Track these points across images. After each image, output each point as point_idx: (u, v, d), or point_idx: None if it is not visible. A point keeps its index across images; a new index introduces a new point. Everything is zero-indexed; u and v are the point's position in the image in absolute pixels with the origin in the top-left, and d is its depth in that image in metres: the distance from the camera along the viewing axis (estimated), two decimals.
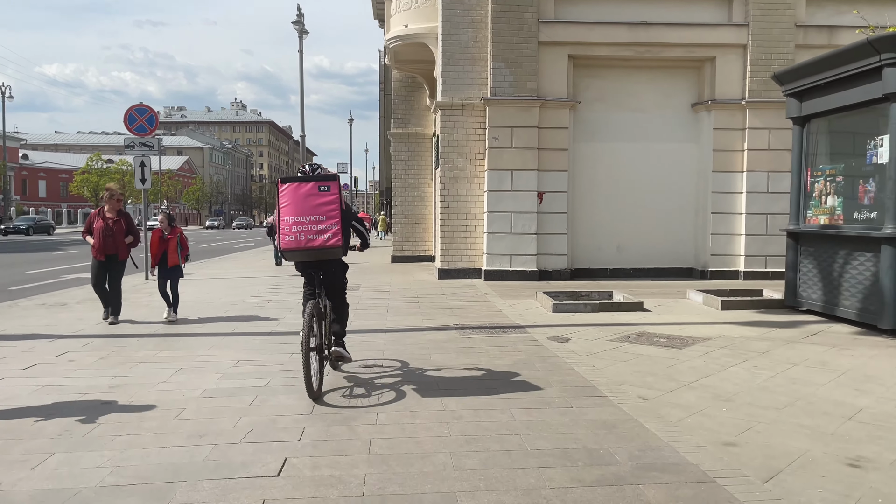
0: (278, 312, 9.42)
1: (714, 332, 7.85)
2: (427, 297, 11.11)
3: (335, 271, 5.69)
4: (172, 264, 8.80)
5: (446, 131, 13.53)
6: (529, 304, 10.22)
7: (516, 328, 8.12)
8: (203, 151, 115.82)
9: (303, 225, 5.03)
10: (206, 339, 7.55)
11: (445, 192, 13.67)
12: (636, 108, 13.99)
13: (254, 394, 5.20)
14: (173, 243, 8.79)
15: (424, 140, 18.15)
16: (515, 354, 6.59)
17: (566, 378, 5.64)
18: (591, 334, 7.70)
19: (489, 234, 13.33)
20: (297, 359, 6.41)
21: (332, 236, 5.02)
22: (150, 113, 14.34)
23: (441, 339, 7.47)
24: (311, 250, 5.07)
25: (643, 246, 14.06)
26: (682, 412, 4.69)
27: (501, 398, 5.02)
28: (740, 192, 13.59)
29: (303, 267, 5.66)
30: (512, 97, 13.15)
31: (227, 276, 14.88)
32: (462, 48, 13.41)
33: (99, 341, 7.41)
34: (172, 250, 8.78)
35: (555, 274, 13.36)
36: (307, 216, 5.04)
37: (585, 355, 6.58)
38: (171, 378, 5.74)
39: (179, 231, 8.95)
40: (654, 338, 7.48)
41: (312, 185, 5.10)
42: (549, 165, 13.33)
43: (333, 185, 5.16)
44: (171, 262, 8.78)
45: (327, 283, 5.65)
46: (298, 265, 5.65)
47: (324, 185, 5.11)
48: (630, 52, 13.53)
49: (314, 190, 5.08)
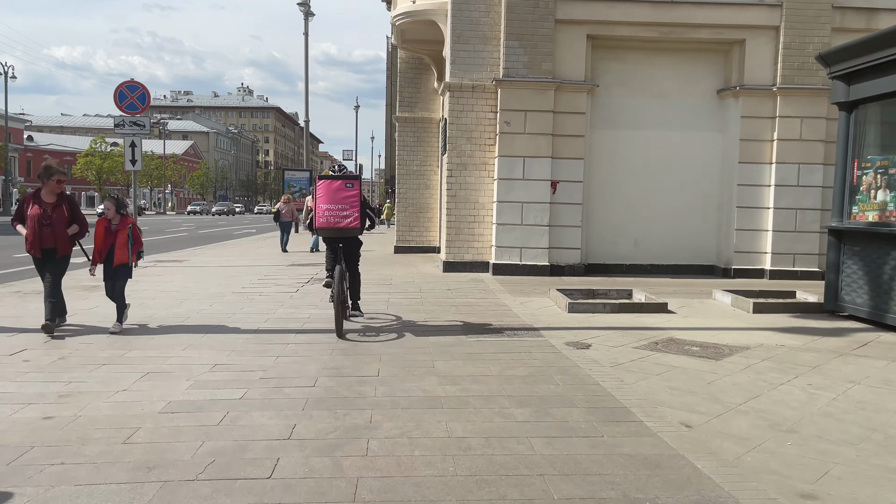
0: (268, 306, 8.63)
1: (751, 339, 7.02)
2: (431, 291, 10.30)
3: (353, 245, 7.61)
4: (119, 262, 6.93)
5: (455, 114, 12.66)
6: (542, 302, 9.40)
7: (529, 330, 7.31)
8: (209, 136, 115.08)
9: (333, 211, 7.03)
10: (184, 336, 6.76)
11: (452, 179, 12.83)
12: (658, 93, 13.09)
13: (224, 409, 4.40)
14: (122, 237, 6.93)
15: (431, 125, 17.28)
16: (531, 364, 5.78)
17: (592, 396, 4.83)
18: (614, 340, 6.89)
19: (498, 226, 12.50)
20: (282, 363, 5.64)
21: (353, 220, 7.06)
22: (142, 90, 13.47)
23: (446, 341, 6.67)
24: (338, 229, 7.09)
25: (662, 241, 13.20)
26: (737, 446, 3.88)
27: (518, 423, 4.21)
28: (768, 186, 12.71)
29: (330, 240, 7.47)
30: (526, 79, 12.27)
31: (219, 265, 14.09)
32: (473, 25, 12.52)
33: (67, 337, 6.63)
34: (121, 245, 6.91)
35: (567, 269, 12.53)
36: (336, 205, 7.03)
37: (610, 366, 5.76)
38: (134, 385, 4.95)
39: (131, 221, 7.10)
40: (685, 345, 6.66)
41: (341, 182, 7.10)
42: (563, 153, 12.47)
43: (356, 183, 7.19)
44: (117, 259, 6.91)
45: (346, 252, 7.48)
46: (327, 239, 7.46)
47: (349, 182, 7.13)
48: (653, 33, 12.62)
49: (342, 186, 7.07)
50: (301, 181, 32.95)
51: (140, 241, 7.18)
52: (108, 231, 6.93)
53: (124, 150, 13.44)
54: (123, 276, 7.08)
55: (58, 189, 6.97)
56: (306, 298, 9.39)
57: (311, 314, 8.12)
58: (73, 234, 6.99)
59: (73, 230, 6.97)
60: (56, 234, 6.83)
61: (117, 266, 6.98)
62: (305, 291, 10.07)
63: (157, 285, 10.50)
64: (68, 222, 6.93)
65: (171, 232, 30.70)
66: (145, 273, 12.12)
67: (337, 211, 7.02)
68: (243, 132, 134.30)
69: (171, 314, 8.00)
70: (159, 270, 12.68)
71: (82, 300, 8.90)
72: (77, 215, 7.03)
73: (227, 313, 8.12)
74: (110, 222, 6.98)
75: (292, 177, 33.75)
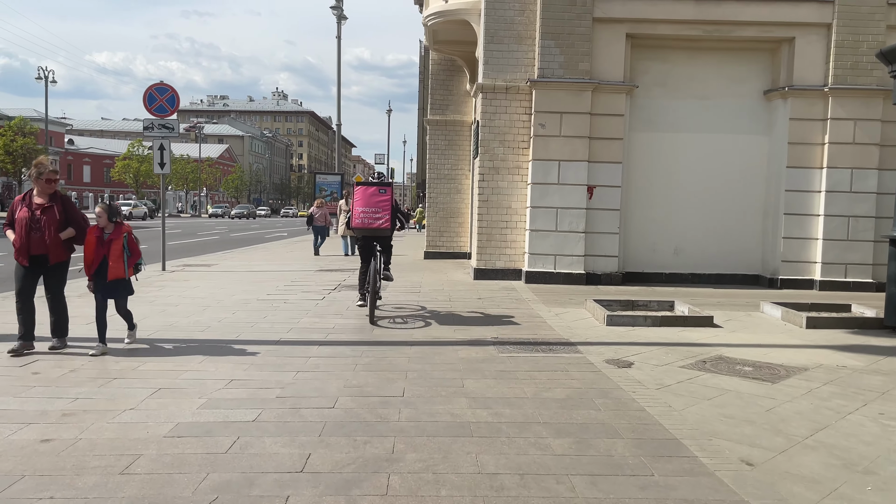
0: (293, 315, 8.31)
1: (808, 359, 6.47)
2: (461, 300, 9.89)
3: (385, 245, 8.58)
4: (114, 277, 6.07)
5: (487, 116, 12.25)
6: (578, 313, 8.93)
7: (566, 345, 6.85)
8: (244, 140, 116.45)
9: (367, 213, 7.97)
10: (204, 347, 6.47)
11: (484, 183, 12.41)
12: (701, 94, 12.51)
13: (235, 434, 4.05)
14: (116, 248, 6.07)
15: (463, 128, 16.88)
16: (569, 384, 5.33)
17: (638, 424, 4.36)
18: (658, 357, 6.39)
19: (532, 232, 12.04)
20: (301, 380, 5.28)
21: (384, 222, 7.99)
22: (171, 92, 13.35)
23: (476, 356, 6.25)
24: (371, 229, 8.04)
25: (704, 249, 12.59)
26: (810, 491, 3.39)
27: (556, 457, 3.78)
28: (818, 191, 12.03)
29: (364, 239, 8.48)
30: (562, 79, 11.80)
31: (247, 270, 13.88)
32: (507, 24, 12.10)
33: (79, 345, 6.38)
34: (115, 257, 6.06)
35: (604, 278, 12.01)
36: (370, 208, 7.96)
37: (656, 388, 5.29)
38: (143, 403, 4.63)
39: (126, 229, 6.22)
40: (736, 365, 6.14)
41: (375, 188, 8.07)
42: (601, 156, 11.96)
43: (388, 189, 8.12)
44: (111, 273, 6.05)
45: (382, 247, 8.47)
46: (361, 239, 8.53)
47: (382, 188, 8.08)
48: (696, 31, 12.05)
49: (376, 191, 8.03)
50: (332, 185, 32.90)
51: (137, 252, 6.32)
52: (101, 241, 6.08)
53: (153, 152, 13.33)
54: (123, 294, 6.30)
55: (49, 189, 6.17)
56: (332, 307, 9.06)
57: (335, 324, 7.77)
58: (67, 237, 6.16)
59: (67, 234, 6.15)
60: (47, 239, 6.02)
61: (113, 282, 6.11)
62: (332, 299, 9.75)
63: (182, 291, 10.28)
64: (62, 225, 6.12)
65: (203, 235, 30.83)
66: (172, 278, 11.94)
67: (371, 213, 7.99)
68: (277, 136, 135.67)
69: (193, 323, 7.73)
70: (186, 275, 12.49)
71: None
72: (73, 217, 6.23)
73: (250, 322, 7.82)
74: (103, 231, 6.11)
75: (324, 180, 33.73)
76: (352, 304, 9.21)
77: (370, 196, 8.00)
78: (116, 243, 6.10)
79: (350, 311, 8.75)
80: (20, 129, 52.35)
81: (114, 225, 6.15)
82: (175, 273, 12.78)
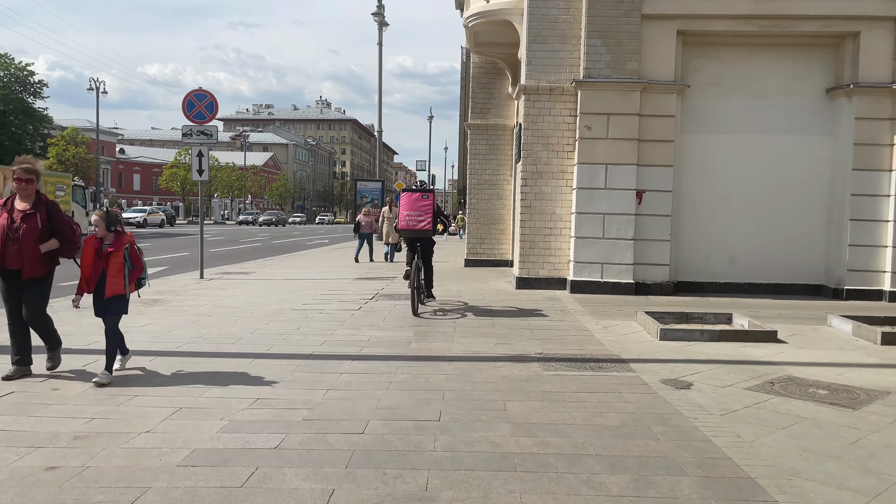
0: (327, 326, 7.97)
1: (889, 380, 5.82)
2: (502, 311, 9.43)
3: (427, 245, 9.69)
4: (113, 294, 5.34)
5: (530, 119, 11.78)
6: (628, 326, 8.38)
7: (617, 362, 6.34)
8: (288, 148, 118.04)
9: (412, 216, 9.09)
10: (232, 361, 6.16)
11: (527, 188, 11.94)
12: (757, 93, 11.81)
13: (254, 463, 3.69)
14: (116, 260, 5.35)
15: (505, 132, 16.44)
16: (622, 408, 4.83)
17: (704, 459, 3.85)
18: (719, 377, 5.83)
19: (577, 239, 11.50)
20: (331, 399, 4.91)
21: (426, 224, 9.07)
22: (210, 99, 13.27)
23: (519, 374, 5.79)
24: (415, 231, 9.15)
25: (761, 257, 11.87)
26: None
27: (613, 498, 3.30)
28: (887, 196, 11.22)
29: (409, 240, 9.58)
30: (609, 79, 11.26)
31: (285, 278, 13.67)
32: (551, 23, 11.63)
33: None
34: (114, 271, 5.34)
35: (654, 287, 11.39)
36: (414, 212, 9.09)
37: (720, 414, 4.75)
38: (161, 425, 4.32)
39: (128, 240, 5.49)
40: (809, 387, 5.54)
41: (419, 194, 9.22)
42: (650, 160, 11.37)
43: (430, 195, 9.30)
44: (110, 290, 5.32)
45: (423, 250, 9.51)
46: (407, 239, 9.71)
47: (425, 195, 9.23)
48: (753, 27, 11.38)
49: (419, 197, 9.17)
50: (373, 191, 32.73)
51: (140, 265, 5.59)
52: (99, 253, 5.35)
53: (191, 159, 13.25)
54: (117, 311, 5.46)
55: (26, 192, 5.28)
56: (368, 317, 8.70)
57: (370, 336, 7.40)
58: (49, 250, 5.33)
59: (49, 245, 5.31)
60: (24, 251, 5.19)
61: (111, 299, 5.37)
62: (368, 309, 9.40)
63: (216, 300, 10.07)
64: (44, 235, 5.29)
65: (245, 242, 31.02)
66: (209, 286, 11.78)
67: (415, 216, 9.11)
68: (321, 144, 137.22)
69: (223, 334, 7.45)
70: (223, 283, 12.33)
71: (137, 315, 8.49)
72: (59, 226, 5.38)
73: (283, 334, 7.51)
74: (101, 242, 5.39)
75: (364, 187, 33.59)
76: (388, 315, 8.85)
77: (414, 201, 9.17)
78: (116, 256, 5.36)
79: (386, 322, 8.39)
80: (72, 139, 53.86)
81: (113, 234, 5.40)
82: (212, 281, 12.64)
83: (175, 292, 10.88)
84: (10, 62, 45.93)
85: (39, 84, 47.42)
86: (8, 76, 45.95)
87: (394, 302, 10.11)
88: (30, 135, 47.06)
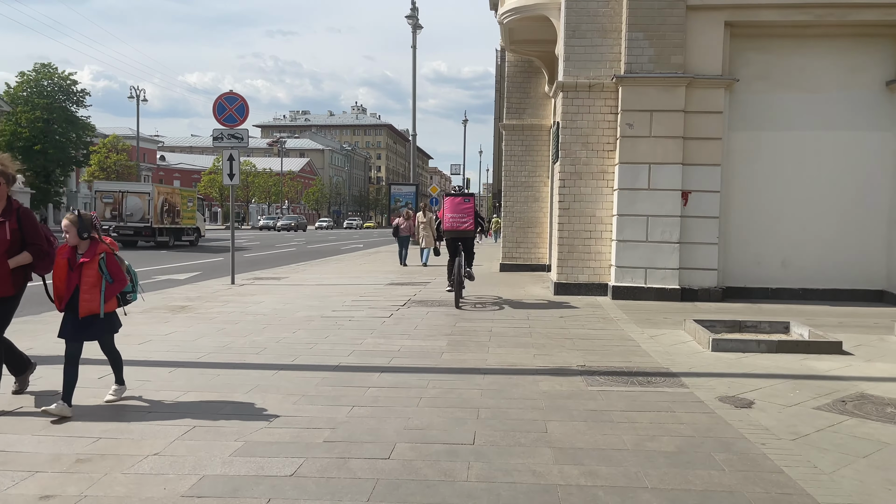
0: (356, 335, 7.60)
1: None
2: (540, 319, 8.96)
3: (469, 244, 10.48)
4: (88, 312, 4.51)
5: (568, 117, 11.28)
6: (676, 335, 7.83)
7: (667, 376, 5.82)
8: (324, 153, 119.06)
9: (455, 218, 10.12)
10: (254, 373, 5.82)
11: (565, 190, 11.43)
12: (811, 87, 11.11)
13: (266, 494, 3.31)
14: (89, 273, 4.49)
15: (541, 133, 15.94)
16: (677, 431, 4.33)
17: (779, 495, 3.35)
18: (783, 394, 5.28)
19: (619, 243, 10.95)
20: (355, 418, 4.52)
21: (468, 224, 10.14)
22: (241, 101, 13.08)
23: (561, 390, 5.33)
24: (457, 231, 10.18)
25: (816, 260, 11.15)
26: None
27: None
28: None
29: (452, 240, 10.37)
30: (651, 74, 10.71)
31: (317, 283, 13.38)
32: (590, 17, 11.11)
33: (125, 369, 5.84)
34: (88, 286, 4.49)
35: (701, 293, 10.78)
36: (457, 214, 10.12)
37: (791, 439, 4.22)
38: (171, 446, 3.97)
39: (106, 248, 4.61)
40: (887, 407, 4.96)
41: (461, 198, 10.28)
42: (696, 158, 10.77)
43: (471, 199, 10.37)
44: (83, 308, 4.49)
45: (465, 248, 10.36)
46: (449, 239, 10.42)
47: (466, 198, 10.31)
48: (807, 17, 10.70)
49: (461, 201, 10.22)
50: (407, 195, 32.51)
51: (122, 278, 4.66)
52: (73, 264, 4.53)
53: (222, 163, 13.08)
54: (102, 332, 4.70)
55: None
56: (399, 325, 8.32)
57: (401, 346, 7.01)
58: (19, 265, 4.53)
59: (19, 260, 4.51)
60: None
61: (86, 318, 4.52)
62: (400, 317, 9.01)
63: (245, 306, 9.80)
64: (13, 247, 4.51)
65: (281, 247, 31.02)
66: (239, 292, 11.55)
67: (458, 217, 10.15)
68: (357, 149, 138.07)
69: (249, 343, 7.13)
70: (254, 289, 12.09)
71: (162, 323, 8.26)
72: (33, 237, 4.57)
73: (310, 343, 7.16)
74: (75, 251, 4.56)
75: (398, 191, 33.43)
76: (419, 324, 8.45)
77: (457, 205, 10.18)
78: (89, 268, 4.49)
79: (417, 330, 7.99)
80: (113, 147, 54.93)
81: (88, 242, 4.54)
82: (243, 287, 12.41)
83: (204, 298, 10.65)
84: (53, 71, 47.04)
85: (82, 93, 48.57)
86: (52, 85, 47.12)
87: (426, 309, 9.71)
88: (73, 143, 48.21)
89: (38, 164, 45.94)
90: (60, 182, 50.26)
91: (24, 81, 46.52)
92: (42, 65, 46.80)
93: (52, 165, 47.15)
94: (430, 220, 17.87)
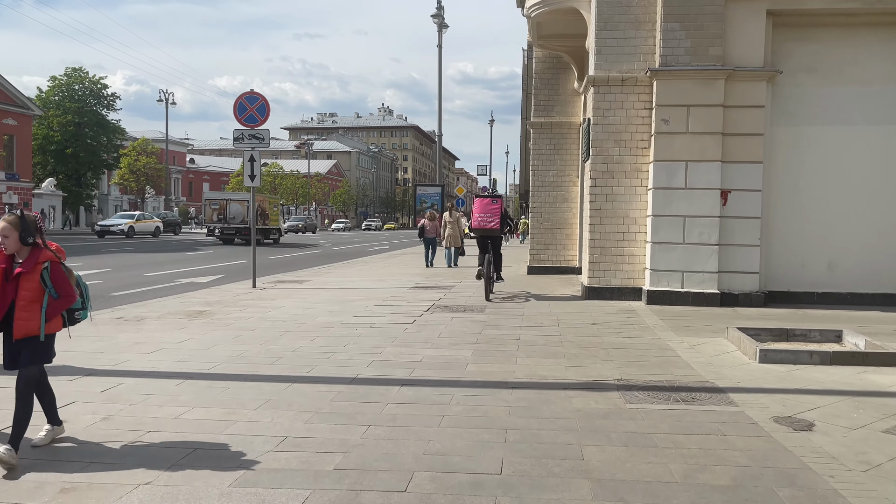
0: (376, 343, 7.21)
1: None
2: (571, 325, 8.47)
3: (496, 242, 11.32)
4: (24, 334, 3.75)
5: (600, 113, 10.77)
6: (718, 344, 7.29)
7: (713, 392, 5.32)
8: (351, 155, 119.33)
9: (483, 218, 10.91)
10: (266, 386, 5.46)
11: (597, 189, 10.92)
12: (859, 79, 10.46)
13: None
14: (28, 286, 3.75)
15: (570, 131, 15.41)
16: (731, 459, 3.84)
17: None
18: (846, 414, 4.75)
19: (654, 245, 10.41)
20: (371, 440, 4.11)
21: (495, 224, 10.90)
22: (261, 101, 12.79)
23: (597, 407, 4.86)
24: (485, 230, 10.94)
25: (866, 263, 10.48)
26: None
27: None
28: None
29: (481, 238, 11.10)
30: (688, 67, 10.15)
31: (339, 286, 13.04)
32: (623, 8, 10.59)
33: (131, 381, 5.54)
34: (26, 302, 3.74)
35: (742, 298, 10.18)
36: (486, 214, 10.92)
37: (862, 470, 3.71)
38: (165, 475, 3.60)
39: (48, 257, 3.79)
40: None
41: (489, 199, 11.22)
42: (736, 155, 10.19)
43: (499, 200, 11.34)
44: (18, 328, 3.74)
45: (493, 245, 11.10)
46: (479, 238, 11.19)
47: (494, 200, 11.22)
48: (854, 4, 10.07)
49: (490, 202, 11.10)
50: (433, 196, 32.16)
51: (70, 293, 3.86)
52: (8, 275, 3.75)
53: (244, 164, 12.81)
54: (32, 360, 3.79)
55: None
56: (422, 332, 7.90)
57: (423, 356, 6.59)
58: None
59: None
60: None
61: (21, 341, 3.76)
62: (423, 323, 8.60)
63: (263, 311, 9.48)
64: None
65: (307, 248, 30.85)
66: (259, 296, 11.24)
67: (486, 217, 10.85)
68: (383, 151, 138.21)
69: (263, 352, 6.78)
70: (275, 293, 11.78)
71: (177, 330, 7.95)
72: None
73: (327, 352, 6.78)
74: (12, 259, 3.78)
75: (424, 192, 33.12)
76: (443, 331, 8.02)
77: (485, 206, 10.97)
78: (28, 280, 3.73)
79: (441, 337, 7.57)
80: (143, 149, 55.51)
81: (29, 249, 3.77)
82: (264, 290, 12.11)
83: (223, 303, 10.36)
84: (84, 76, 47.62)
85: (112, 97, 49.13)
86: (83, 90, 47.72)
87: (451, 314, 9.29)
88: (104, 146, 48.75)
89: (69, 168, 46.63)
90: (91, 185, 50.92)
91: (55, 86, 47.20)
92: (73, 69, 47.45)
93: (83, 168, 47.77)
94: (456, 219, 17.58)
